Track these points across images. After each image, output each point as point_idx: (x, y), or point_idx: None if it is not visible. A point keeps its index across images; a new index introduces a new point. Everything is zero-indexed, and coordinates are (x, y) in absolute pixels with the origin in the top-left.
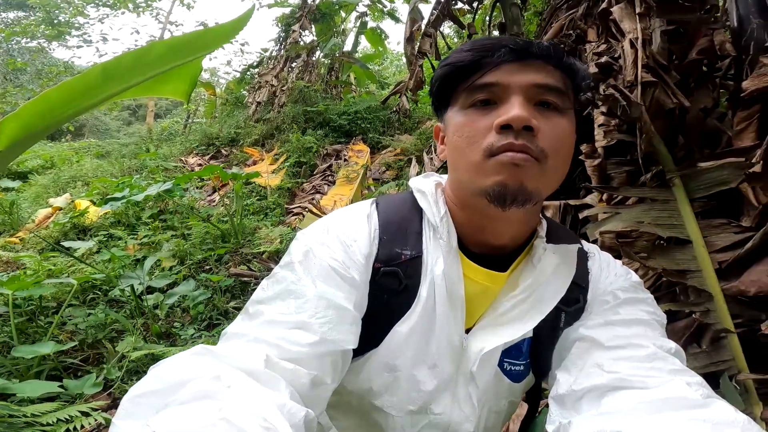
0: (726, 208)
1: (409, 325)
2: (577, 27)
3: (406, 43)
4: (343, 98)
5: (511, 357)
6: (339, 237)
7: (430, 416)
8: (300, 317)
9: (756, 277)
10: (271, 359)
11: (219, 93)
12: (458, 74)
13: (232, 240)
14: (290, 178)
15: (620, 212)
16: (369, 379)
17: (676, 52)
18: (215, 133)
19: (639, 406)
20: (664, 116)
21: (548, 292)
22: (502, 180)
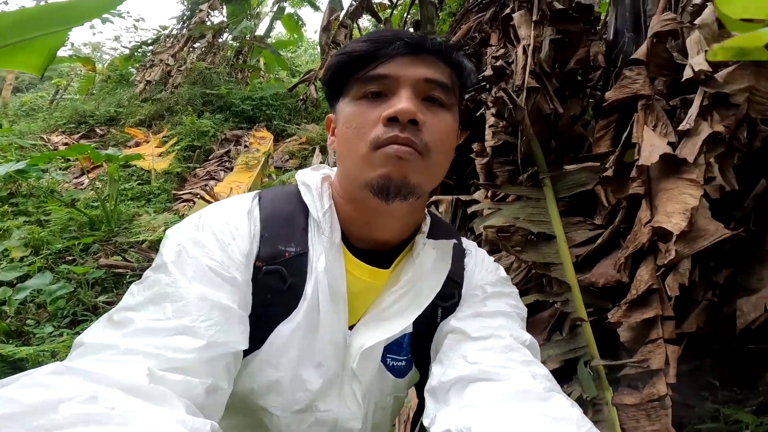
0: (583, 207)
1: (293, 324)
2: (483, 30)
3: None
4: (249, 83)
5: (393, 353)
6: (215, 234)
7: (316, 414)
8: (181, 322)
9: (604, 270)
10: (155, 372)
11: (100, 69)
12: (353, 64)
13: (104, 227)
14: (180, 162)
15: (501, 208)
16: (251, 380)
17: (559, 61)
18: (90, 111)
19: (491, 400)
20: (542, 121)
21: (426, 286)
22: (387, 173)
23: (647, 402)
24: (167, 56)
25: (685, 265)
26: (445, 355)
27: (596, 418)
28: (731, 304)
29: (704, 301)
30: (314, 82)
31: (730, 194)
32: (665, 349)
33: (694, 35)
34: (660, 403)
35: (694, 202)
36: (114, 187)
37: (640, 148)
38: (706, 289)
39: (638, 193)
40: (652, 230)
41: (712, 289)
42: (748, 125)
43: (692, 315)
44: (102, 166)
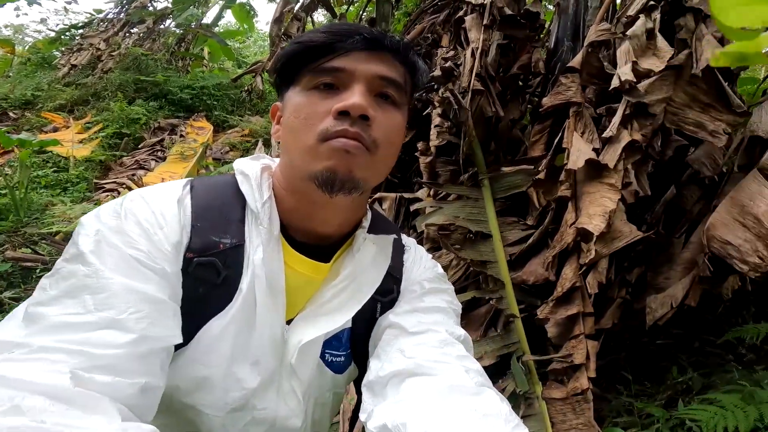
0: (518, 207)
1: (226, 319)
2: (435, 32)
3: (273, 23)
4: (190, 72)
5: (332, 348)
6: (140, 223)
7: (253, 412)
8: (105, 314)
9: (533, 268)
10: (79, 375)
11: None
12: (307, 54)
13: (12, 217)
14: (105, 150)
15: (443, 207)
16: (176, 377)
17: (504, 65)
18: (3, 94)
19: (425, 395)
20: (483, 123)
21: (366, 281)
22: (332, 165)
23: (572, 396)
24: (98, 41)
25: (603, 264)
26: (383, 350)
27: (528, 412)
28: (641, 302)
29: (618, 298)
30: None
31: (643, 199)
32: (586, 344)
33: (624, 45)
34: (583, 396)
35: (612, 206)
36: (25, 174)
37: (569, 153)
38: (620, 287)
39: (565, 196)
40: (576, 231)
41: (626, 287)
42: (662, 134)
43: (608, 312)
44: (13, 152)
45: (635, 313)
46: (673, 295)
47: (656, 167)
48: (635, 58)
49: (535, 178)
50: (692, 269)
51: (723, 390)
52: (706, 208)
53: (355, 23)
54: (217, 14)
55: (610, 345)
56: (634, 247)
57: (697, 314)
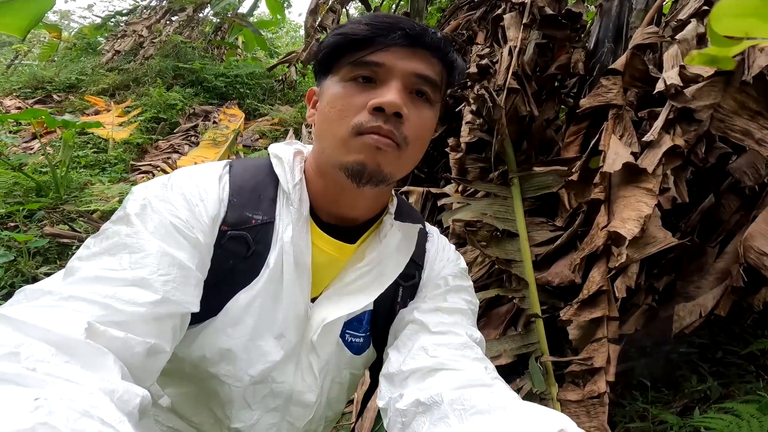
0: (547, 208)
1: (253, 292)
2: (470, 28)
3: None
4: (225, 60)
5: (353, 329)
6: (184, 195)
7: (272, 385)
8: (137, 273)
9: (559, 270)
10: (95, 327)
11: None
12: (349, 46)
13: (52, 194)
14: (143, 133)
15: (470, 203)
16: (202, 347)
17: (541, 65)
18: (49, 77)
19: (450, 383)
20: (517, 122)
21: (390, 266)
22: (363, 159)
23: (588, 399)
24: (141, 27)
25: (633, 269)
26: (404, 344)
27: None
28: (667, 309)
29: (644, 305)
30: (295, 64)
31: (679, 206)
32: (608, 348)
33: (672, 49)
34: (599, 400)
35: (648, 211)
36: (67, 153)
37: (605, 155)
38: (647, 293)
39: (598, 199)
40: (607, 234)
41: (653, 294)
42: (706, 141)
43: (632, 317)
44: (56, 132)
45: (660, 320)
46: (703, 304)
47: (696, 174)
48: (683, 62)
49: (568, 180)
50: (725, 279)
51: (741, 400)
52: (744, 218)
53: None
54: (253, 4)
55: (630, 351)
56: (666, 254)
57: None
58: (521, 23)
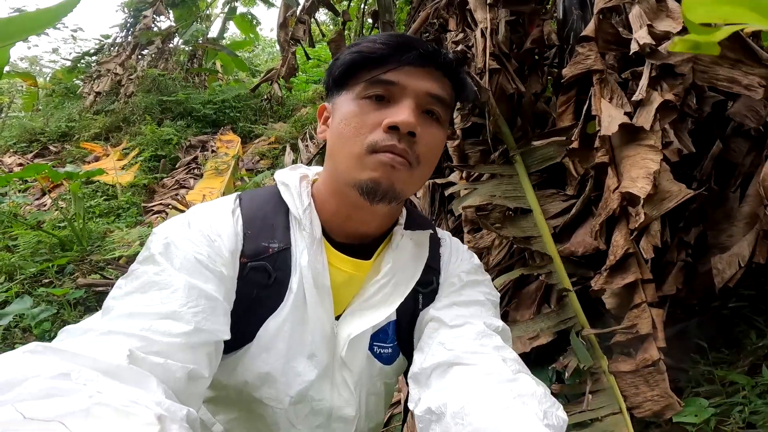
0: (555, 179)
1: (281, 317)
2: (440, 16)
3: (279, 30)
4: (208, 87)
5: (380, 340)
6: (203, 232)
7: (312, 404)
8: (168, 307)
9: (581, 238)
10: (136, 354)
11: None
12: (364, 63)
13: (76, 247)
14: (146, 174)
15: (477, 188)
16: (244, 373)
17: (515, 41)
18: (39, 128)
19: (465, 382)
20: (506, 100)
21: (406, 275)
22: (377, 177)
23: (642, 368)
24: (114, 65)
25: (656, 227)
26: (425, 343)
27: (596, 387)
28: (706, 263)
29: (679, 261)
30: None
31: (689, 156)
32: (650, 313)
33: (635, 10)
34: (655, 368)
35: (656, 166)
36: (79, 206)
37: (599, 119)
38: (679, 249)
39: (603, 162)
40: (620, 196)
41: (685, 249)
42: (696, 92)
43: (670, 277)
44: (63, 185)
45: (700, 276)
46: (739, 253)
47: (697, 124)
48: (649, 21)
49: (569, 148)
50: (755, 224)
51: None
52: (758, 158)
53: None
54: (221, 27)
55: (677, 312)
56: (688, 206)
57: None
58: (486, 3)
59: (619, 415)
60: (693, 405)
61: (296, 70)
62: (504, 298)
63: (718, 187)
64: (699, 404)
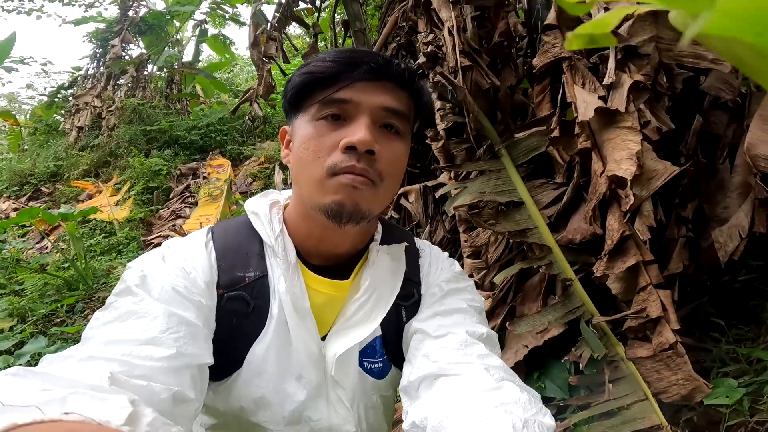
0: (543, 169)
1: (265, 343)
2: (409, 19)
3: (251, 48)
4: (191, 112)
5: (369, 356)
6: (177, 264)
7: (311, 424)
8: (149, 334)
9: (577, 225)
10: (118, 377)
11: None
12: (315, 84)
13: (82, 286)
14: (140, 207)
15: (467, 186)
16: (238, 398)
17: (484, 36)
18: (28, 169)
19: (448, 393)
20: (483, 96)
21: (385, 290)
22: (340, 200)
23: (660, 352)
24: (91, 98)
25: (648, 207)
26: (413, 355)
27: (616, 375)
28: (708, 237)
29: (681, 238)
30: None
31: (672, 133)
32: (658, 295)
33: None
34: (673, 351)
35: (637, 147)
36: (79, 246)
37: (575, 105)
38: (678, 226)
39: (586, 147)
40: (608, 179)
41: (685, 225)
42: (665, 71)
43: (674, 255)
44: (61, 226)
45: (704, 251)
46: (738, 224)
47: (673, 101)
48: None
49: (551, 137)
50: (748, 193)
51: None
52: (739, 129)
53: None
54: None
55: (688, 291)
56: (680, 182)
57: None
58: (449, 2)
59: (646, 401)
60: (722, 386)
61: (274, 87)
62: (508, 294)
63: (706, 160)
64: (728, 385)
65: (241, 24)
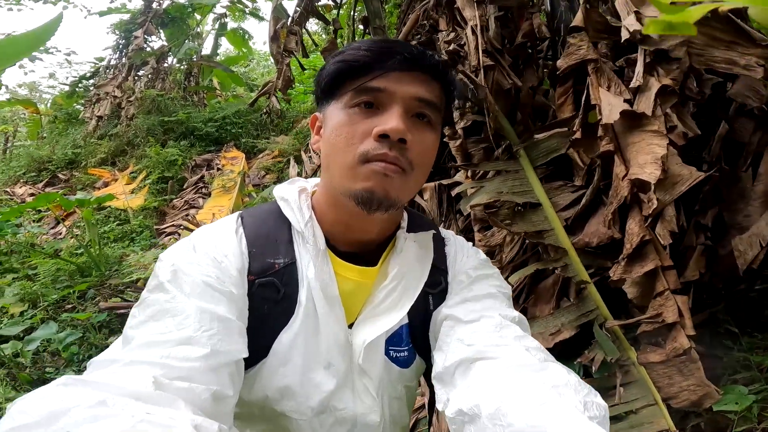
0: (562, 171)
1: (293, 330)
2: (430, 17)
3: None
4: (207, 104)
5: (395, 344)
6: (208, 254)
7: (335, 413)
8: (183, 333)
9: (594, 228)
10: (160, 380)
11: (44, 110)
12: (349, 72)
13: (94, 273)
14: (155, 196)
15: (484, 186)
16: (263, 388)
17: (507, 36)
18: (47, 156)
19: (492, 377)
20: (503, 96)
21: (413, 277)
22: (371, 186)
23: (673, 357)
24: (112, 88)
25: (670, 212)
26: (444, 342)
27: (627, 380)
28: (726, 245)
29: (699, 245)
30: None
31: (696, 139)
32: (675, 300)
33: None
34: (687, 356)
35: (662, 151)
36: (93, 232)
37: (600, 108)
38: (697, 233)
39: (609, 150)
40: (630, 183)
41: (704, 232)
42: (694, 75)
43: (691, 262)
44: (76, 213)
45: (722, 258)
46: (759, 233)
47: (699, 107)
48: (636, 8)
49: (572, 139)
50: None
51: None
52: (765, 137)
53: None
54: (214, 44)
55: (703, 298)
56: (701, 189)
57: None
58: (474, 1)
59: (655, 406)
60: (732, 393)
61: (292, 81)
62: (521, 295)
63: (729, 168)
64: (738, 392)
65: (260, 18)
